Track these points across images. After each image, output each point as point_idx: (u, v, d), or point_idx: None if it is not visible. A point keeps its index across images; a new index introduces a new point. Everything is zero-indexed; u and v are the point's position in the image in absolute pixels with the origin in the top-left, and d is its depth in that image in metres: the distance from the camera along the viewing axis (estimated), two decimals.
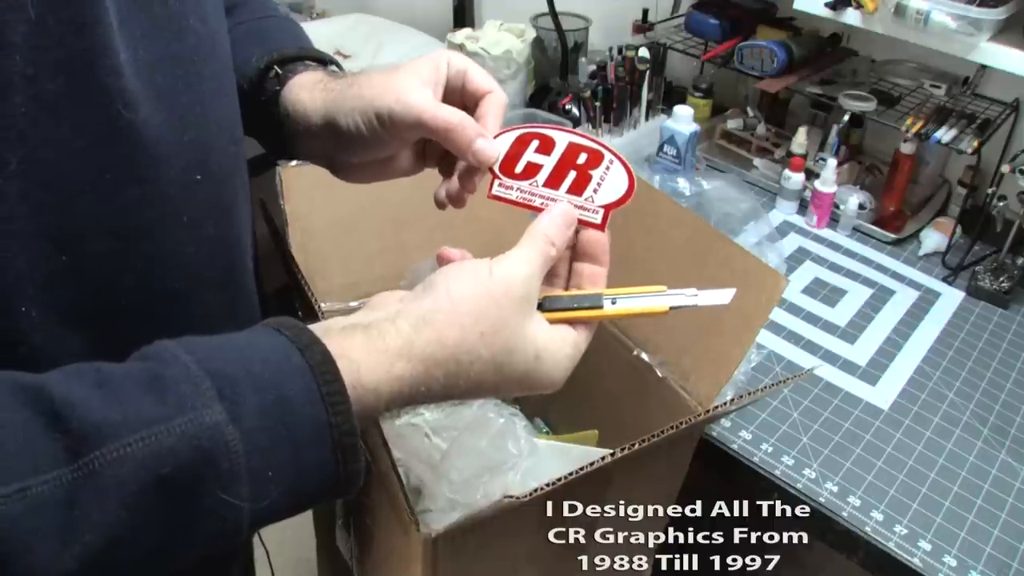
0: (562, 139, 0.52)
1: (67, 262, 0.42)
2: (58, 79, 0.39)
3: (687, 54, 1.44)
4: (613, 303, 0.49)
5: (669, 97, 1.51)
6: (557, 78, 1.58)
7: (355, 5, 1.85)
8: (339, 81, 0.58)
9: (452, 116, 0.51)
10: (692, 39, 1.44)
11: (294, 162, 0.81)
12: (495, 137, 0.52)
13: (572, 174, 0.52)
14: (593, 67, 1.44)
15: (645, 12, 1.50)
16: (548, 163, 0.52)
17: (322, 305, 0.73)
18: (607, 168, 0.51)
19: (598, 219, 0.52)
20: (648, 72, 1.36)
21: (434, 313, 0.44)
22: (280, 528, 0.89)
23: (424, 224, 0.88)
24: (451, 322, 0.43)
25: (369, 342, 0.42)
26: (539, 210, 0.52)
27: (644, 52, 1.35)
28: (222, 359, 0.38)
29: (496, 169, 0.52)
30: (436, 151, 0.58)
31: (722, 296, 0.50)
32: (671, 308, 0.49)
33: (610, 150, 0.51)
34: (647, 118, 1.42)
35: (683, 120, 1.26)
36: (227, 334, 0.41)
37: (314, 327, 0.42)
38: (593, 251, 0.52)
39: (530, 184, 0.52)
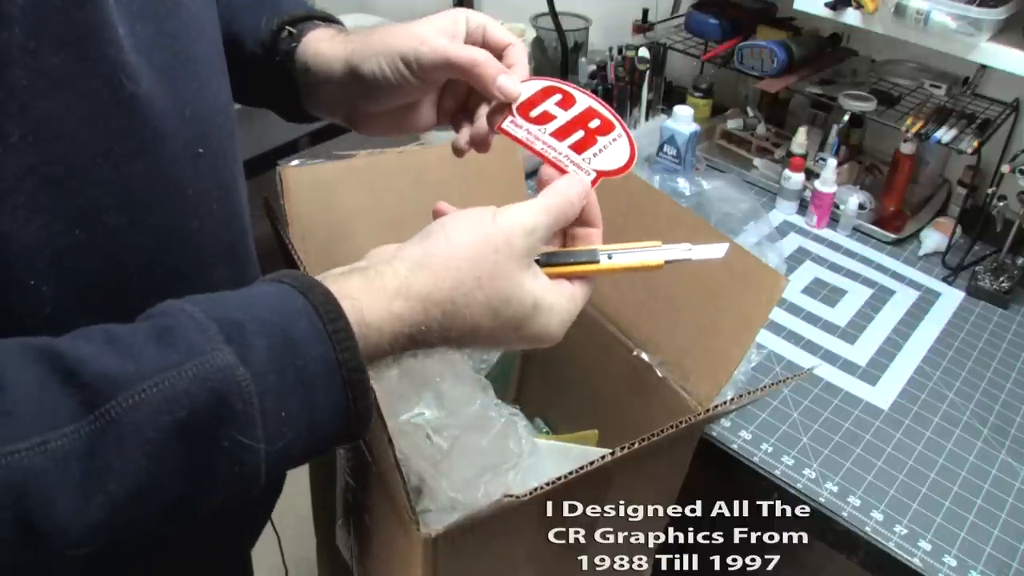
0: (583, 100, 0.54)
1: (78, 236, 0.43)
2: (60, 52, 0.40)
3: (687, 54, 1.44)
4: (609, 258, 0.50)
5: (669, 97, 1.51)
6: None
7: (355, 5, 1.85)
8: (358, 33, 0.60)
9: (478, 53, 0.53)
10: (692, 39, 1.44)
11: (295, 161, 0.81)
12: (523, 82, 0.54)
13: (580, 133, 0.53)
14: (593, 67, 1.44)
15: (645, 12, 1.50)
16: (562, 117, 0.54)
17: None
18: (614, 139, 0.54)
19: (588, 180, 0.53)
20: (648, 72, 1.36)
21: (430, 257, 0.45)
22: (280, 527, 0.89)
23: (424, 224, 0.88)
24: (447, 266, 0.44)
25: (367, 282, 0.43)
26: (538, 154, 0.53)
27: (644, 52, 1.35)
28: (227, 307, 0.39)
29: (514, 108, 0.54)
30: (453, 104, 0.60)
31: (716, 250, 0.51)
32: (666, 262, 0.50)
33: (623, 125, 0.54)
34: (647, 118, 1.42)
35: (683, 120, 1.26)
36: (229, 291, 0.41)
37: (314, 275, 0.43)
38: (587, 214, 0.53)
39: (539, 129, 0.54)
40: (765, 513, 0.89)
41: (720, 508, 0.75)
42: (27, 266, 0.41)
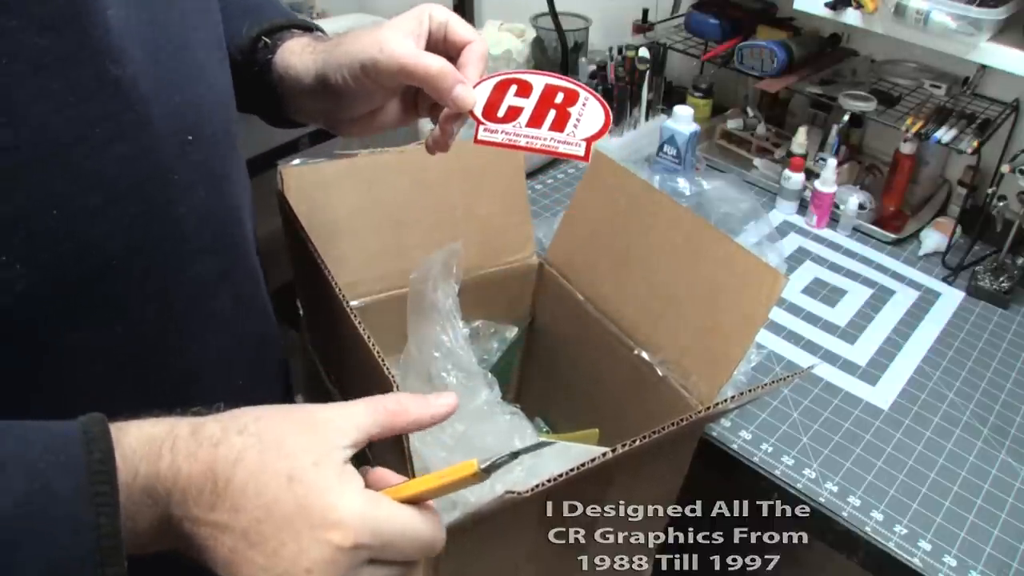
0: (539, 81, 0.55)
1: (55, 216, 0.42)
2: (44, 34, 0.40)
3: (687, 54, 1.44)
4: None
5: (669, 97, 1.51)
6: None
7: (355, 5, 1.85)
8: (327, 42, 0.60)
9: (432, 63, 0.54)
10: (692, 39, 1.44)
11: (295, 161, 0.81)
12: (476, 85, 0.55)
13: (552, 113, 0.54)
14: (593, 67, 1.44)
15: (645, 12, 1.50)
16: (528, 105, 0.55)
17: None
18: (584, 104, 0.54)
19: (581, 151, 0.54)
20: (648, 72, 1.36)
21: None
22: None
23: (424, 224, 0.88)
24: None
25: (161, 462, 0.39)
26: (524, 149, 0.54)
27: (644, 52, 1.35)
28: (5, 440, 0.37)
29: (479, 115, 0.55)
30: (427, 101, 0.60)
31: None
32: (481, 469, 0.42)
33: (584, 88, 0.54)
34: (647, 118, 1.42)
35: (683, 120, 1.26)
36: (28, 422, 0.39)
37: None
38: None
39: (513, 126, 0.55)
40: (765, 513, 0.89)
41: (720, 508, 0.76)
42: (2, 241, 0.41)
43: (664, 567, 0.89)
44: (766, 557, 0.92)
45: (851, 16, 1.13)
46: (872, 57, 1.35)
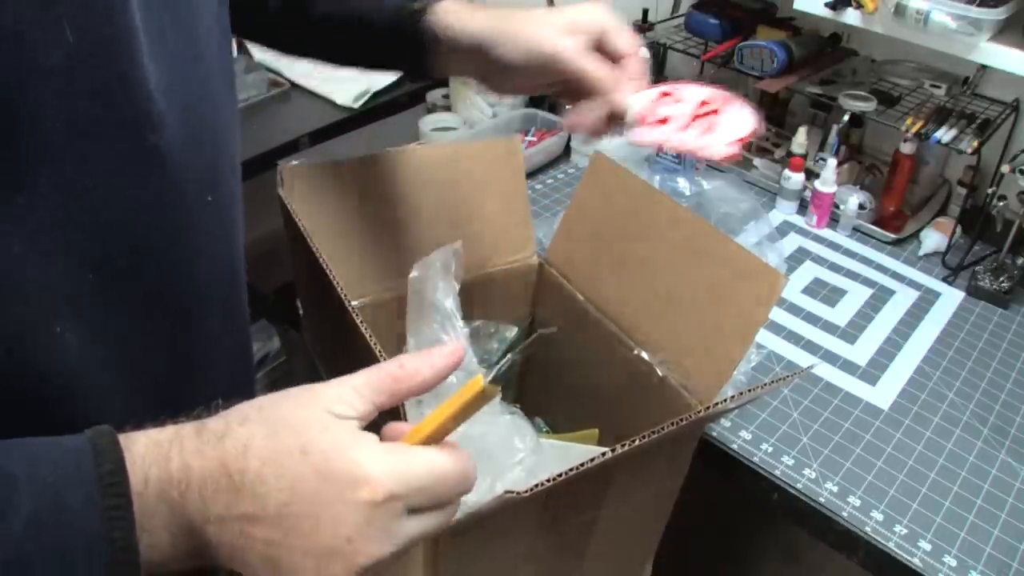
0: (694, 92, 0.62)
1: (92, 281, 0.43)
2: (94, 103, 0.40)
3: (687, 54, 1.44)
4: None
5: None
6: None
7: None
8: (490, 11, 0.63)
9: (598, 72, 0.59)
10: (692, 39, 1.44)
11: (295, 161, 0.81)
12: (636, 94, 0.60)
13: (704, 121, 0.60)
14: None
15: (645, 12, 1.50)
16: (682, 112, 0.60)
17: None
18: (733, 110, 0.60)
19: (732, 150, 0.59)
20: (648, 72, 1.36)
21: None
22: None
23: (424, 224, 0.88)
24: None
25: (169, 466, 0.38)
26: (674, 148, 0.62)
27: (644, 52, 1.35)
28: (8, 457, 0.36)
29: (635, 120, 0.60)
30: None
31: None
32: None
33: (734, 96, 0.61)
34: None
35: None
36: (38, 438, 0.38)
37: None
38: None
39: (666, 130, 0.60)
40: (765, 513, 0.89)
41: (720, 508, 0.75)
42: (51, 312, 0.41)
43: (664, 567, 0.89)
44: (766, 556, 0.91)
45: (851, 16, 1.13)
46: (872, 57, 1.35)
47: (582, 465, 0.50)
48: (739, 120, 0.60)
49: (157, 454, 0.38)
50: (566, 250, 0.92)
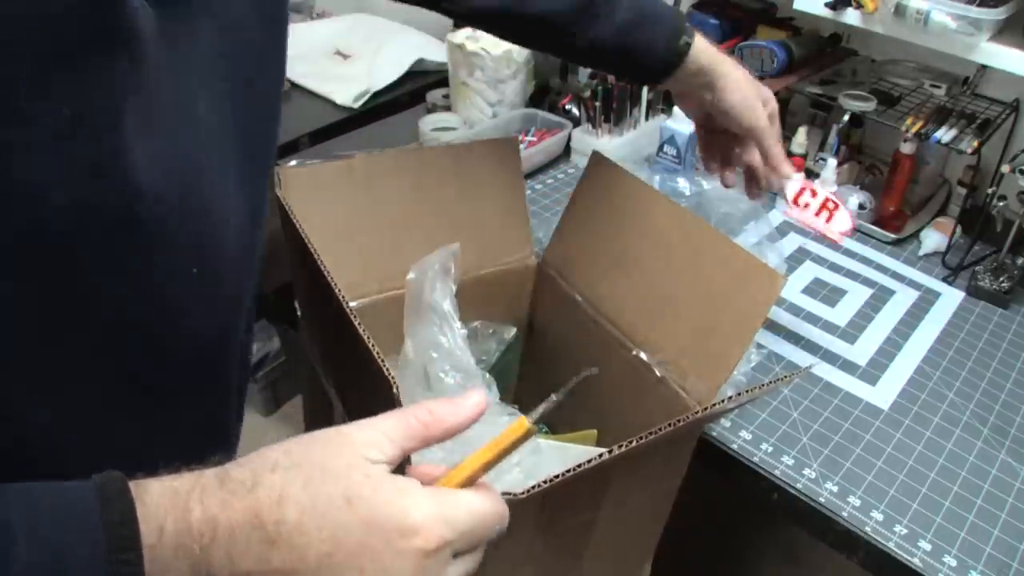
0: (820, 191, 0.92)
1: (64, 354, 0.42)
2: (90, 181, 0.38)
3: None
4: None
5: (669, 97, 1.51)
6: (557, 78, 1.58)
7: (355, 5, 1.85)
8: (715, 51, 0.83)
9: (777, 149, 0.87)
10: None
11: (294, 162, 0.81)
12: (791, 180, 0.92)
13: (824, 213, 0.92)
14: None
15: None
16: (813, 203, 0.93)
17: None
18: (839, 210, 0.92)
19: (837, 238, 0.92)
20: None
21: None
22: None
23: (423, 225, 0.88)
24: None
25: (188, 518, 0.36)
26: (804, 225, 0.93)
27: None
28: (11, 504, 0.34)
29: (790, 198, 0.93)
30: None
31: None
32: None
33: (839, 199, 0.92)
34: (647, 118, 1.42)
35: (683, 120, 1.25)
36: (44, 483, 0.36)
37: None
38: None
39: (807, 212, 0.93)
40: (765, 513, 0.89)
41: (719, 508, 0.75)
42: (29, 393, 0.41)
43: (664, 567, 0.89)
44: (766, 557, 0.91)
45: (851, 16, 1.13)
46: (872, 57, 1.35)
47: (579, 467, 0.50)
48: (842, 216, 0.91)
49: (174, 503, 0.35)
50: (564, 250, 0.92)
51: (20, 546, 0.32)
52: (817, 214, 0.91)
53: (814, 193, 0.92)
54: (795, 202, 0.92)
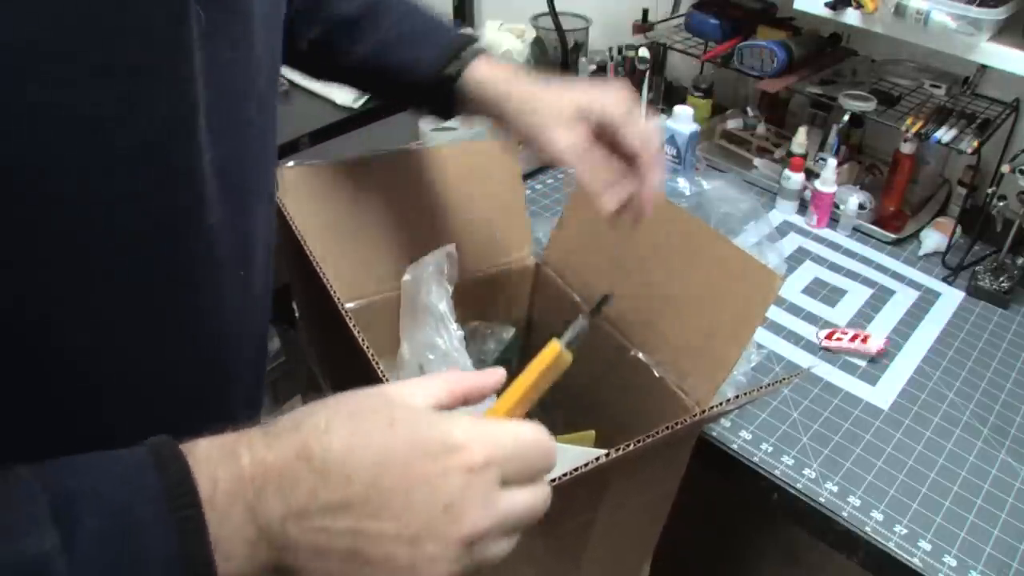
0: (852, 331, 1.00)
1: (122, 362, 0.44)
2: (161, 193, 0.41)
3: (687, 54, 1.44)
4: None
5: (669, 97, 1.51)
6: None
7: None
8: (517, 84, 0.67)
9: (589, 176, 0.64)
10: (692, 39, 1.44)
11: (291, 162, 0.81)
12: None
13: (856, 340, 1.02)
14: (593, 67, 1.44)
15: (645, 12, 1.50)
16: (844, 338, 1.02)
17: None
18: (871, 341, 1.01)
19: (865, 360, 1.00)
20: (648, 72, 1.36)
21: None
22: None
23: (421, 225, 0.88)
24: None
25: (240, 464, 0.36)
26: (841, 349, 0.99)
27: (644, 52, 1.35)
28: (68, 473, 0.34)
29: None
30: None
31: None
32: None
33: (867, 334, 1.01)
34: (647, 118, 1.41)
35: (683, 120, 1.25)
36: (96, 452, 0.36)
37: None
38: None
39: (836, 340, 1.02)
40: (765, 513, 0.89)
41: (719, 508, 0.75)
42: (103, 398, 0.43)
43: (663, 567, 0.89)
44: (766, 557, 0.91)
45: (851, 16, 1.13)
46: (872, 57, 1.35)
47: (577, 470, 0.50)
48: (880, 336, 1.00)
49: (223, 453, 0.36)
50: (563, 251, 0.92)
51: (85, 512, 0.33)
52: (851, 341, 1.01)
53: (844, 332, 1.03)
54: (828, 338, 1.02)
